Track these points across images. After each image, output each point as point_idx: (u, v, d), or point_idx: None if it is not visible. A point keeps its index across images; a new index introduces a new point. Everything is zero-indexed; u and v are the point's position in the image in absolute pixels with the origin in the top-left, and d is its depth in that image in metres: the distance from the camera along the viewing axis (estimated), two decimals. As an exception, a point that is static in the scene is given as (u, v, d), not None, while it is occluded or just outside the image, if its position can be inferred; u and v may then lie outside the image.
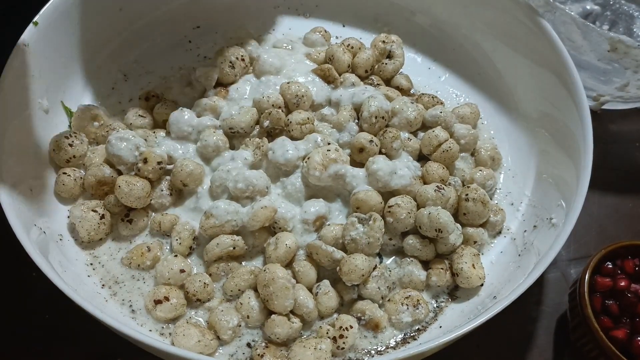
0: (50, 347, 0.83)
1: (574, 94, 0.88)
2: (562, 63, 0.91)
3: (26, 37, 0.86)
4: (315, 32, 1.06)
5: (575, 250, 0.97)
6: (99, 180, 0.84)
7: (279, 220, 0.81)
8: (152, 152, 0.84)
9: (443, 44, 1.10)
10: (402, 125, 0.91)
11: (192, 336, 0.72)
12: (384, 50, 1.03)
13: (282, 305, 0.74)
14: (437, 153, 0.89)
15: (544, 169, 0.93)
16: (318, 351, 0.71)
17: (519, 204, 0.92)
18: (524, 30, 0.98)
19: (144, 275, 0.81)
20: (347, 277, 0.76)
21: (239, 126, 0.89)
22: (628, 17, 1.15)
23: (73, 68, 0.96)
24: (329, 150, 0.83)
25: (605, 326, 0.77)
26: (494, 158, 0.94)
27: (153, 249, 0.81)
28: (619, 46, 0.95)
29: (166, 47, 1.08)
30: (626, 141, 1.11)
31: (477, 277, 0.80)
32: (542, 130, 0.96)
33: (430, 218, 0.80)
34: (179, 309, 0.77)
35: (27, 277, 0.81)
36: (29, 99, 0.86)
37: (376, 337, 0.77)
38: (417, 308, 0.78)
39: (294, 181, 0.84)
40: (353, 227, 0.79)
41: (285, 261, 0.79)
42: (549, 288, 0.92)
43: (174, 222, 0.83)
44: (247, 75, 0.98)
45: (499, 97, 1.04)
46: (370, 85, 0.99)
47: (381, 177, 0.83)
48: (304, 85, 0.93)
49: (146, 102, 0.96)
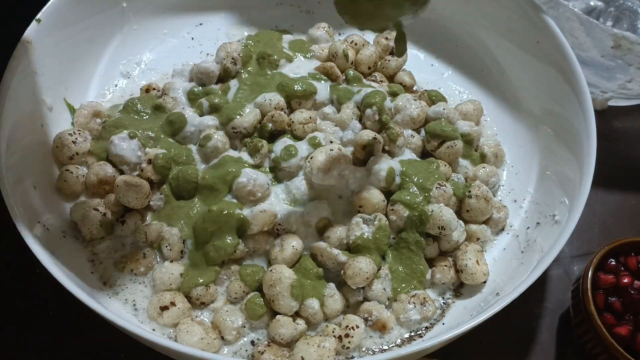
0: (55, 343, 0.83)
1: (577, 91, 0.88)
2: (565, 59, 0.91)
3: (29, 34, 0.86)
4: (319, 29, 1.06)
5: (578, 247, 0.97)
6: (100, 179, 0.84)
7: (283, 222, 0.81)
8: (158, 153, 0.84)
9: (446, 41, 1.10)
10: (405, 123, 0.91)
11: (195, 333, 0.72)
12: (387, 46, 1.03)
13: (287, 306, 0.74)
14: (441, 150, 0.89)
15: (547, 165, 0.92)
16: (321, 349, 0.71)
17: (522, 200, 0.92)
18: (528, 27, 0.97)
19: (143, 279, 0.81)
20: (352, 281, 0.76)
21: (242, 126, 0.89)
22: (632, 13, 1.15)
23: (76, 65, 0.96)
24: (332, 149, 0.83)
25: (608, 323, 0.77)
26: (497, 155, 0.94)
27: (148, 256, 0.81)
28: (623, 42, 0.95)
29: (169, 44, 1.08)
30: (630, 138, 1.10)
31: (481, 274, 0.81)
32: (545, 127, 0.95)
33: (433, 215, 0.80)
34: (186, 312, 0.77)
35: (31, 273, 0.81)
36: (32, 96, 0.87)
37: (382, 337, 0.77)
38: (424, 305, 0.78)
39: (298, 185, 0.83)
40: (358, 228, 0.79)
41: (291, 262, 0.78)
42: (551, 285, 0.92)
43: (159, 230, 0.82)
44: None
45: (502, 93, 1.04)
46: (373, 82, 0.99)
47: (383, 177, 0.83)
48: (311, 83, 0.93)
49: (147, 95, 0.97)
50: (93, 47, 0.99)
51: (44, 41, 0.88)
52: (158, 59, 1.06)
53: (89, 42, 0.98)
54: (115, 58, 1.03)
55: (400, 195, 0.82)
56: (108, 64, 1.02)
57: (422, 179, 0.83)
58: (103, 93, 1.00)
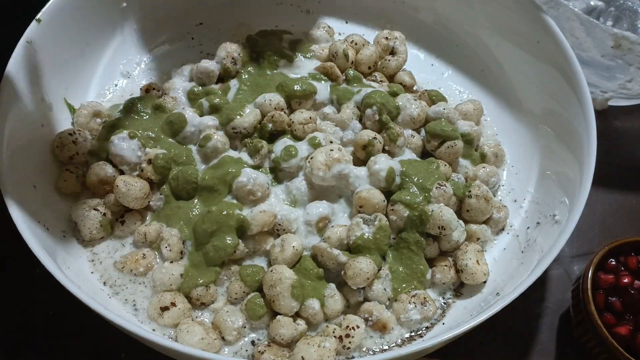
0: (55, 343, 0.83)
1: (577, 91, 0.88)
2: (565, 59, 0.91)
3: (29, 34, 0.86)
4: (320, 29, 1.06)
5: (578, 247, 0.97)
6: (100, 179, 0.84)
7: (283, 222, 0.81)
8: (158, 153, 0.84)
9: (446, 41, 1.10)
10: (405, 122, 0.91)
11: (196, 333, 0.72)
12: (387, 46, 1.03)
13: (288, 307, 0.74)
14: (442, 150, 0.89)
15: (547, 165, 0.92)
16: (322, 349, 0.71)
17: (522, 200, 0.92)
18: (528, 27, 0.97)
19: (142, 279, 0.81)
20: (352, 281, 0.76)
21: (242, 126, 0.89)
22: (632, 13, 1.15)
23: (76, 65, 0.96)
24: (332, 149, 0.83)
25: (608, 323, 0.77)
26: (497, 155, 0.94)
27: (148, 256, 0.81)
28: (623, 42, 0.95)
29: (169, 44, 1.08)
30: (630, 137, 1.10)
31: (481, 273, 0.81)
32: (545, 127, 0.95)
33: (434, 215, 0.80)
34: (186, 313, 0.77)
35: (31, 273, 0.81)
36: (33, 96, 0.86)
37: (382, 337, 0.77)
38: (424, 305, 0.78)
39: (299, 185, 0.84)
40: (358, 228, 0.79)
41: (292, 263, 0.78)
42: (552, 285, 0.92)
43: (159, 231, 0.82)
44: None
45: (502, 93, 1.04)
46: (373, 81, 0.99)
47: (383, 177, 0.83)
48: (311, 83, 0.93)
49: (147, 94, 0.96)
50: (93, 47, 0.99)
51: (44, 41, 0.88)
52: (158, 59, 1.06)
53: (89, 42, 0.98)
54: (115, 58, 1.03)
55: (400, 195, 0.81)
56: (108, 64, 1.02)
57: (422, 179, 0.83)
58: (103, 93, 1.00)
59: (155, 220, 0.84)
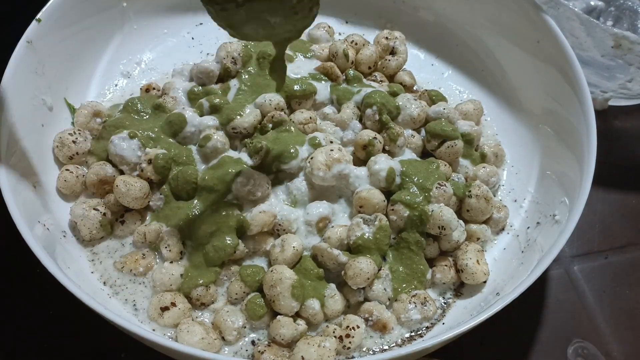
0: (55, 343, 0.83)
1: (577, 91, 0.88)
2: (565, 59, 0.91)
3: (29, 34, 0.86)
4: (320, 28, 1.06)
5: (578, 247, 0.97)
6: (100, 179, 0.84)
7: (283, 222, 0.81)
8: (158, 153, 0.84)
9: (446, 41, 1.10)
10: (405, 122, 0.91)
11: (196, 333, 0.72)
12: (387, 46, 1.03)
13: (288, 307, 0.74)
14: (442, 150, 0.89)
15: (548, 165, 0.92)
16: (322, 349, 0.71)
17: (522, 200, 0.92)
18: (528, 26, 0.97)
19: (142, 279, 0.81)
20: (353, 281, 0.76)
21: (242, 126, 0.88)
22: (632, 12, 1.15)
23: (76, 65, 0.96)
24: (332, 150, 0.83)
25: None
26: (497, 155, 0.94)
27: (148, 256, 0.81)
28: (623, 42, 0.95)
29: (169, 44, 1.08)
30: (630, 137, 1.10)
31: (482, 273, 0.81)
32: (545, 127, 0.95)
33: (434, 215, 0.80)
34: (187, 313, 0.77)
35: (31, 273, 0.81)
36: (33, 95, 0.87)
37: (383, 337, 0.77)
38: (424, 305, 0.78)
39: (299, 185, 0.84)
40: (358, 228, 0.79)
41: (292, 263, 0.78)
42: (552, 285, 0.92)
43: (159, 231, 0.82)
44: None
45: (502, 93, 1.04)
46: (373, 81, 0.99)
47: (383, 177, 0.82)
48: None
49: (147, 94, 0.97)
50: (93, 47, 0.99)
51: (44, 41, 0.88)
52: (158, 59, 1.06)
53: (89, 42, 0.98)
54: (115, 58, 1.03)
55: (400, 195, 0.81)
56: (108, 64, 1.02)
57: (422, 179, 0.83)
58: (103, 93, 1.00)
59: (155, 220, 0.84)
